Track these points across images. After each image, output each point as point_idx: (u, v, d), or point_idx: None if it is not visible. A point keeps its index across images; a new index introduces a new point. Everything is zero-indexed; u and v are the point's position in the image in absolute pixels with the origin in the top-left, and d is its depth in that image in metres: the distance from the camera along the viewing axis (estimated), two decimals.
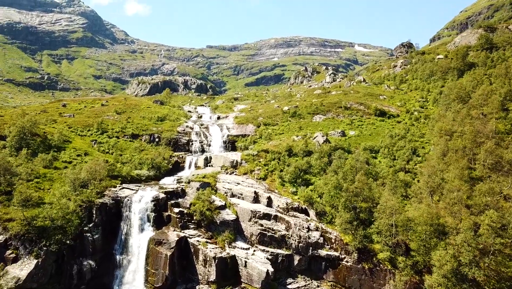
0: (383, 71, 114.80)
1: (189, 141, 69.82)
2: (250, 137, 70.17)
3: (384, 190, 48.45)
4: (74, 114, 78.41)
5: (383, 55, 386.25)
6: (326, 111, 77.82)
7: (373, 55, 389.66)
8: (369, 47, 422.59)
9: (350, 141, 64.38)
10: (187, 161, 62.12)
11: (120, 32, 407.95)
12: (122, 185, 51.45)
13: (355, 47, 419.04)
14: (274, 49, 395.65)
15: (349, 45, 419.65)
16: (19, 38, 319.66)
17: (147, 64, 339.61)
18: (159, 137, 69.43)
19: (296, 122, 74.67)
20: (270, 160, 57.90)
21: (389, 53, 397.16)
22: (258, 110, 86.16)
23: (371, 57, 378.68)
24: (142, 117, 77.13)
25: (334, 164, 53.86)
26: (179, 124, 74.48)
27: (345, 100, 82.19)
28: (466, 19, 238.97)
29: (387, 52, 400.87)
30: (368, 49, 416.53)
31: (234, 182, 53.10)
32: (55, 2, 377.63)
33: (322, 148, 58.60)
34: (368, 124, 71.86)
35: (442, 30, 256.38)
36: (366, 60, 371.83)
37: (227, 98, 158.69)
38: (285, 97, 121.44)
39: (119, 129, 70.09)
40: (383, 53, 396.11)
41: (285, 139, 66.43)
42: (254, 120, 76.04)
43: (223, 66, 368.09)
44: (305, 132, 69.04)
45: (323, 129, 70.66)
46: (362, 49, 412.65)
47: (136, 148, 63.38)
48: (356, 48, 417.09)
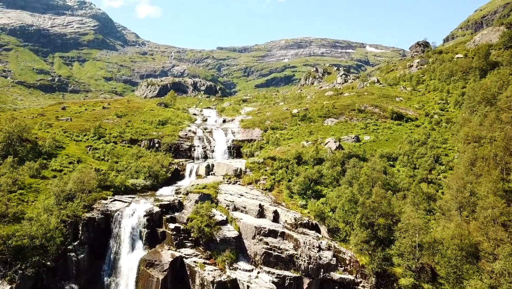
0: (398, 71, 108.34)
1: (191, 146, 64.56)
2: (257, 142, 64.67)
3: (405, 204, 42.53)
4: (72, 117, 73.77)
5: (395, 55, 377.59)
6: (339, 114, 71.91)
7: (385, 56, 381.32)
8: (380, 48, 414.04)
9: (365, 147, 58.45)
10: (187, 169, 56.83)
11: (131, 34, 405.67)
12: (114, 197, 46.28)
13: (366, 48, 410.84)
14: (285, 50, 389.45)
15: (360, 46, 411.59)
16: (31, 40, 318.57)
17: (157, 66, 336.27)
18: (159, 142, 64.29)
19: (306, 126, 68.95)
20: (277, 169, 52.30)
21: (401, 54, 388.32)
22: (266, 113, 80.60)
23: (383, 58, 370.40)
24: (142, 121, 72.17)
25: (348, 173, 48.03)
26: (181, 128, 69.29)
27: (359, 102, 76.18)
28: (481, 18, 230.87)
29: (399, 53, 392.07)
30: (379, 49, 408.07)
31: (237, 193, 47.60)
32: (67, 5, 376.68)
33: (334, 156, 52.80)
34: (384, 128, 65.81)
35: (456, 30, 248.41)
36: (378, 61, 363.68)
37: (236, 100, 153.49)
38: (295, 99, 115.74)
39: (117, 134, 65.14)
40: (395, 54, 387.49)
41: (294, 145, 60.82)
42: (261, 124, 70.50)
43: (233, 68, 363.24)
44: (315, 137, 63.33)
45: (335, 133, 64.84)
46: (374, 50, 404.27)
47: (133, 155, 58.29)
48: (368, 48, 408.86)
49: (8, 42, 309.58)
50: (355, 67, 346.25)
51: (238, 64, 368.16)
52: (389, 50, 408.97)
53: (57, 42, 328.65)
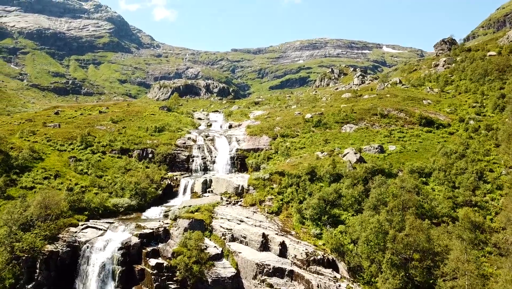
0: (422, 71, 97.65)
1: (189, 157, 55.69)
2: (264, 152, 55.42)
3: (449, 238, 32.72)
4: (63, 123, 65.73)
5: (413, 56, 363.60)
6: (358, 120, 62.11)
7: (402, 56, 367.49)
8: (397, 48, 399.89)
9: (391, 159, 48.61)
10: (181, 185, 47.88)
11: (146, 36, 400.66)
12: (87, 223, 37.59)
13: (383, 48, 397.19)
14: (299, 52, 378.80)
15: (376, 46, 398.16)
16: (48, 44, 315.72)
17: (171, 68, 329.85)
18: (152, 152, 55.56)
19: (321, 133, 59.39)
20: (286, 187, 42.93)
21: (418, 54, 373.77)
22: (276, 117, 71.20)
23: (400, 59, 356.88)
24: (138, 128, 63.59)
25: (373, 195, 38.36)
26: (179, 136, 60.45)
27: (381, 105, 66.23)
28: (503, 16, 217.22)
29: (416, 53, 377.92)
30: (396, 50, 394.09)
31: (236, 218, 38.42)
32: (84, 8, 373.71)
33: (355, 172, 43.17)
34: (412, 136, 55.79)
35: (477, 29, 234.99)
36: (395, 62, 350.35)
37: (248, 102, 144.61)
38: (309, 101, 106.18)
39: (107, 143, 56.69)
40: (412, 54, 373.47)
41: (307, 156, 51.39)
42: (270, 131, 61.17)
43: (247, 69, 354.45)
44: (332, 147, 53.77)
45: (355, 142, 55.13)
46: (391, 50, 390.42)
47: (120, 168, 49.63)
48: (384, 49, 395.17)
49: (25, 45, 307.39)
50: (371, 68, 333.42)
51: (252, 66, 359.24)
52: (407, 50, 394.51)
53: (73, 45, 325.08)
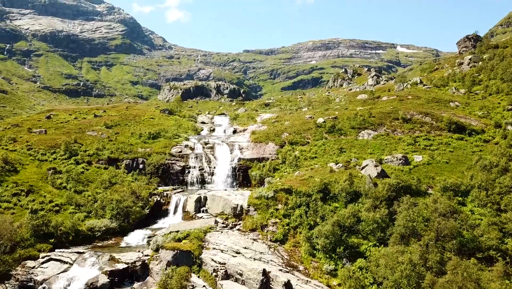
0: (445, 70, 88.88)
1: (185, 168, 48.49)
2: (269, 162, 47.95)
3: (502, 283, 24.82)
4: (50, 128, 59.30)
5: (428, 55, 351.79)
6: (377, 125, 54.13)
7: (417, 56, 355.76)
8: (412, 48, 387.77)
9: (418, 173, 40.65)
10: (172, 202, 40.62)
11: (158, 38, 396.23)
12: (51, 254, 30.62)
13: (397, 48, 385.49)
14: (312, 52, 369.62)
15: (391, 46, 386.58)
16: (61, 46, 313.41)
17: (183, 70, 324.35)
18: (143, 162, 48.57)
19: (335, 140, 51.60)
20: (294, 208, 35.35)
21: (434, 54, 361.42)
22: (284, 122, 63.53)
23: (415, 58, 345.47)
24: (131, 134, 56.67)
25: (401, 222, 30.53)
26: (175, 143, 53.27)
27: (403, 108, 58.11)
28: None
29: (432, 53, 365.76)
30: (411, 50, 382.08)
31: (231, 249, 31.01)
32: (97, 10, 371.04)
33: (377, 190, 35.35)
34: (440, 144, 47.66)
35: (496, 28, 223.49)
36: (410, 62, 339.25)
37: (258, 104, 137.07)
38: (321, 103, 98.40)
39: (94, 151, 49.87)
40: (427, 54, 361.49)
41: (319, 168, 43.74)
42: (277, 137, 53.62)
43: (259, 70, 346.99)
44: (348, 157, 46.00)
45: (374, 151, 47.26)
46: (405, 50, 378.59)
47: (104, 182, 42.64)
48: (399, 49, 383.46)
49: (39, 48, 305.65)
50: (385, 68, 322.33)
51: (264, 67, 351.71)
52: (421, 50, 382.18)
53: (86, 47, 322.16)
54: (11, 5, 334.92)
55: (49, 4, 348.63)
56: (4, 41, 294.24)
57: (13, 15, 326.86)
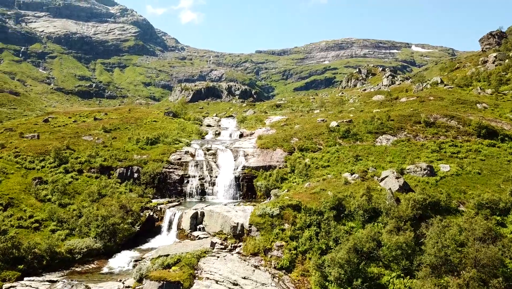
0: (467, 69, 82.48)
1: (184, 177, 43.69)
2: (277, 171, 42.87)
3: None
4: (45, 132, 55.24)
5: (444, 55, 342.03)
6: (397, 129, 48.52)
7: (432, 56, 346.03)
8: (427, 47, 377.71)
9: (447, 186, 35.05)
10: (166, 218, 35.78)
11: (171, 39, 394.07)
12: (18, 283, 26.01)
13: (412, 48, 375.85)
14: (325, 52, 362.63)
15: (405, 46, 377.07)
16: (75, 48, 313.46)
17: (195, 71, 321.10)
18: (138, 171, 43.92)
19: (349, 146, 46.19)
20: (302, 228, 30.19)
21: (450, 53, 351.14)
22: (294, 125, 58.27)
23: (430, 58, 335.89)
24: (128, 139, 52.09)
25: (431, 250, 25.12)
26: (175, 150, 48.48)
27: (424, 111, 52.38)
28: None
29: (447, 52, 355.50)
30: (426, 49, 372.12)
31: (228, 279, 26.03)
32: (110, 12, 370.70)
33: (400, 209, 29.94)
34: (469, 151, 41.91)
35: None
36: (425, 61, 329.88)
37: (269, 105, 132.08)
38: (335, 104, 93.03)
39: (86, 158, 45.43)
40: (443, 53, 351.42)
41: (331, 178, 38.46)
42: (285, 143, 48.44)
43: (271, 71, 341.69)
44: (364, 166, 40.59)
45: (394, 159, 41.75)
46: (420, 50, 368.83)
47: (92, 193, 38.07)
48: (413, 48, 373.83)
49: (53, 50, 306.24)
50: (400, 68, 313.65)
51: (276, 67, 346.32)
52: (437, 49, 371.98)
53: (99, 48, 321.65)
54: (27, 8, 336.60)
55: (63, 7, 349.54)
56: (19, 44, 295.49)
57: (28, 17, 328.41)
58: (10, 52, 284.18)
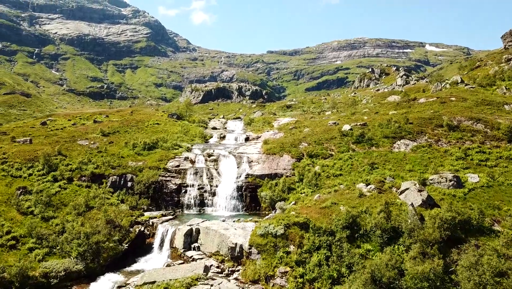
0: (489, 67, 76.87)
1: (181, 186, 39.66)
2: (283, 180, 38.55)
3: None
4: (40, 136, 51.86)
5: (458, 54, 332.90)
6: (416, 133, 43.74)
7: (447, 55, 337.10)
8: (441, 46, 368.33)
9: (477, 200, 30.30)
10: (158, 234, 31.72)
11: (182, 40, 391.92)
12: None
13: (425, 47, 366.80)
14: (337, 52, 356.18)
15: (419, 45, 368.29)
16: (87, 49, 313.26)
17: (206, 71, 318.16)
18: (132, 179, 40.04)
19: (364, 152, 41.60)
20: (311, 250, 25.84)
21: (465, 52, 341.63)
22: (304, 128, 53.80)
23: (445, 57, 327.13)
24: (125, 144, 48.26)
25: (467, 284, 20.64)
26: (174, 155, 44.45)
27: (446, 113, 47.45)
28: None
29: (463, 51, 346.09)
30: (440, 48, 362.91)
31: None
32: (122, 14, 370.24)
33: (426, 231, 25.35)
34: (500, 158, 36.94)
35: None
36: (439, 61, 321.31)
37: (279, 106, 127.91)
38: (347, 105, 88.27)
39: (77, 165, 41.72)
40: (458, 52, 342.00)
41: (344, 189, 33.98)
42: (293, 148, 44.06)
43: (283, 71, 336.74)
44: (381, 175, 36.00)
45: (415, 168, 37.04)
46: (434, 49, 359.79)
47: (78, 206, 34.21)
48: (427, 48, 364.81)
49: (66, 51, 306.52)
50: (413, 68, 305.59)
51: (288, 68, 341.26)
52: (451, 48, 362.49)
53: (111, 50, 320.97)
54: (40, 10, 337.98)
55: (76, 9, 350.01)
56: (33, 45, 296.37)
57: (42, 20, 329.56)
58: (24, 54, 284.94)
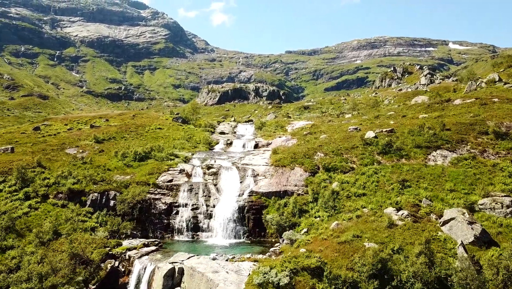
0: None
1: (173, 206, 32.98)
2: (294, 199, 31.39)
3: None
4: (26, 144, 46.24)
5: (484, 52, 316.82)
6: (456, 142, 35.90)
7: (471, 53, 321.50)
8: (466, 44, 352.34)
9: None
10: (134, 272, 25.10)
11: (201, 41, 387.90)
12: None
13: (449, 45, 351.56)
14: (357, 51, 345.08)
15: (442, 43, 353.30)
16: (107, 51, 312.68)
17: (224, 72, 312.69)
18: (115, 197, 33.60)
19: (392, 165, 34.03)
20: None
21: (490, 50, 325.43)
22: (320, 134, 46.36)
23: (469, 55, 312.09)
24: (115, 153, 41.92)
25: None
26: (167, 167, 37.80)
27: (490, 117, 39.32)
28: None
29: (488, 49, 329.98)
30: (464, 46, 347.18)
31: None
32: (141, 16, 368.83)
33: (485, 279, 18.03)
34: None
35: None
36: (463, 59, 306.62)
37: (296, 107, 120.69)
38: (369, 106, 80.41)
39: (55, 180, 35.62)
40: (483, 50, 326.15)
41: (369, 215, 26.61)
42: (307, 159, 36.79)
43: (301, 71, 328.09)
44: (414, 196, 28.46)
45: (458, 187, 29.33)
46: (458, 47, 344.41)
47: (42, 234, 27.87)
48: (451, 46, 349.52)
49: (86, 53, 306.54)
50: (436, 66, 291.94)
51: (307, 68, 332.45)
52: (476, 46, 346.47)
53: (130, 51, 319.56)
54: (62, 13, 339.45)
55: (97, 12, 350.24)
56: (54, 48, 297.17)
57: (63, 22, 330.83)
58: (46, 57, 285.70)
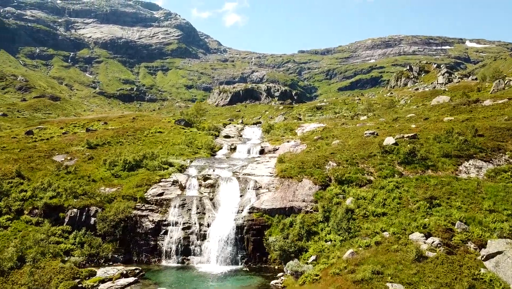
0: None
1: (161, 225, 28.42)
2: (301, 218, 26.54)
3: None
4: (13, 150, 42.24)
5: (502, 50, 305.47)
6: (492, 150, 30.50)
7: (489, 51, 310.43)
8: (483, 43, 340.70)
9: None
10: None
11: (213, 42, 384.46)
12: None
13: (466, 44, 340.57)
14: (371, 50, 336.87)
15: (458, 42, 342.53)
16: (120, 52, 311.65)
17: (236, 72, 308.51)
18: (96, 214, 29.24)
19: (416, 178, 28.83)
20: None
21: (509, 48, 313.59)
22: (333, 139, 41.26)
23: (487, 54, 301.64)
24: (103, 161, 37.58)
25: None
26: (159, 178, 33.21)
27: None
28: None
29: (507, 47, 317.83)
30: (482, 44, 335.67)
31: None
32: (154, 17, 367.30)
33: None
34: None
35: None
36: (481, 57, 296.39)
37: (308, 108, 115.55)
38: (385, 107, 75.18)
39: (31, 193, 31.41)
40: (501, 48, 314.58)
41: (391, 242, 21.58)
42: (317, 170, 31.82)
43: (314, 71, 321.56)
44: (446, 217, 23.29)
45: (499, 206, 23.98)
46: (475, 45, 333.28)
47: (5, 261, 23.63)
48: (468, 44, 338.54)
49: (100, 55, 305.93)
50: (453, 65, 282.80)
51: (320, 67, 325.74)
52: (494, 44, 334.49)
53: (143, 52, 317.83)
54: (76, 15, 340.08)
55: (110, 13, 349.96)
56: (68, 50, 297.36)
57: (77, 24, 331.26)
58: (60, 58, 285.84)
